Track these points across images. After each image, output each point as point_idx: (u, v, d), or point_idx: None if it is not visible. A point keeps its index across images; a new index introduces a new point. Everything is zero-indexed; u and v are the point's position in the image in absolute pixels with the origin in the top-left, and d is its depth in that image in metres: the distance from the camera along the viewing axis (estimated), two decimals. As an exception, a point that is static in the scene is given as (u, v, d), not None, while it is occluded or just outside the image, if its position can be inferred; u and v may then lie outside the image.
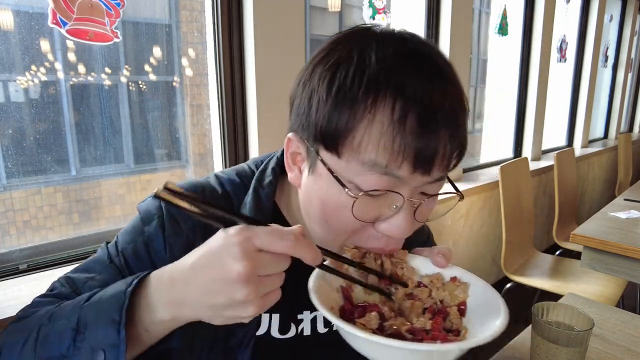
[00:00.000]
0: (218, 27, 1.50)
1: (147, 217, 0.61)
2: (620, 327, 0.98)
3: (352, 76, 0.48)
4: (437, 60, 0.51)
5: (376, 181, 0.50)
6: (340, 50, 0.51)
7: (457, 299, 0.56)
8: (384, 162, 0.48)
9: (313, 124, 0.51)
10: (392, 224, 0.53)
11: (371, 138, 0.48)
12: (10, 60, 1.25)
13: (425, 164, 0.49)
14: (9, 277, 1.21)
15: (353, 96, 0.48)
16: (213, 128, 1.63)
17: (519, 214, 2.36)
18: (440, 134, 0.48)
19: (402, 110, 0.47)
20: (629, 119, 6.27)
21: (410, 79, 0.48)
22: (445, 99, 0.49)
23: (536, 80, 3.30)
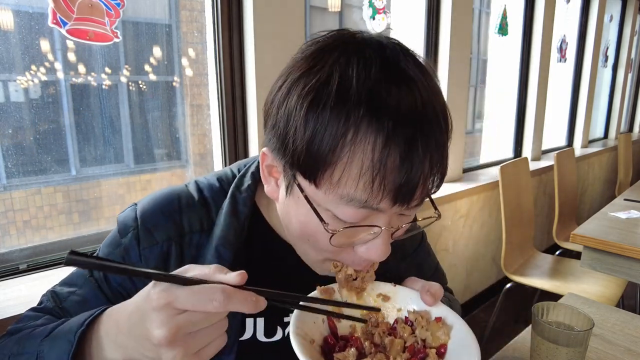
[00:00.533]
0: (218, 27, 1.50)
1: (124, 229, 0.61)
2: (620, 327, 0.98)
3: (332, 108, 0.45)
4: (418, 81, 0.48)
5: (354, 214, 0.49)
6: (320, 70, 0.48)
7: (438, 340, 0.56)
8: (363, 198, 0.47)
9: (290, 151, 0.49)
10: (369, 249, 0.53)
11: (350, 175, 0.46)
12: (10, 60, 1.25)
13: (406, 198, 0.48)
14: (9, 277, 1.21)
15: (332, 131, 0.46)
16: (213, 128, 1.63)
17: (519, 214, 2.36)
18: (421, 169, 0.47)
19: (384, 149, 0.45)
20: (629, 119, 6.27)
21: (392, 112, 0.45)
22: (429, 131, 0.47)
23: (536, 80, 3.30)
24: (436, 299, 0.59)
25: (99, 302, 0.59)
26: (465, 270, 2.65)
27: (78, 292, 0.61)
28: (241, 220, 0.62)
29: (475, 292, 2.78)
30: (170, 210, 0.61)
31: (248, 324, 0.64)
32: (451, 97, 2.40)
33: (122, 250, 0.61)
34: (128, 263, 0.48)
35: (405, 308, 0.60)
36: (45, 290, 1.13)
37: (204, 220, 0.62)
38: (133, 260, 0.60)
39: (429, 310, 0.59)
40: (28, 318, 0.61)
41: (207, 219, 0.62)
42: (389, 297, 0.61)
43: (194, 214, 0.62)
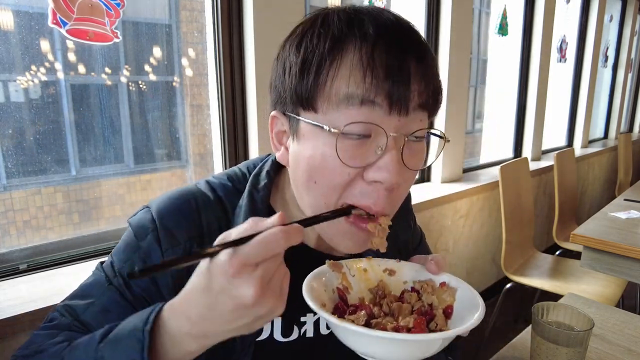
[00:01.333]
0: (218, 27, 1.50)
1: (141, 232, 0.60)
2: (620, 327, 0.98)
3: (317, 35, 0.51)
4: (396, 17, 0.54)
5: (356, 113, 0.50)
6: (305, 22, 0.55)
7: (444, 302, 0.58)
8: (359, 93, 0.49)
9: (288, 90, 0.53)
10: (380, 167, 0.52)
11: (342, 79, 0.50)
12: (10, 60, 1.25)
13: (401, 99, 0.50)
14: (9, 277, 1.21)
15: (320, 51, 0.51)
16: (213, 128, 1.63)
17: (519, 214, 2.36)
18: (407, 71, 0.49)
19: (369, 50, 0.49)
20: (629, 119, 6.27)
21: (372, 23, 0.50)
22: (411, 39, 0.51)
23: (536, 80, 3.30)
24: (440, 267, 0.61)
25: (121, 309, 0.57)
26: (465, 270, 2.65)
27: (97, 303, 0.59)
28: None
29: (475, 292, 2.78)
30: (188, 210, 0.61)
31: (265, 325, 0.64)
32: (451, 97, 2.40)
33: (142, 253, 0.59)
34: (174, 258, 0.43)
35: (410, 280, 0.63)
36: (44, 291, 1.14)
37: (221, 219, 0.62)
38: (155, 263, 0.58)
39: (433, 279, 0.62)
40: (42, 337, 0.57)
41: (224, 218, 0.62)
42: (394, 271, 0.64)
43: (212, 213, 0.62)
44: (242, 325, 0.43)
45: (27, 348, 0.57)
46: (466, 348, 2.38)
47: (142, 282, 0.59)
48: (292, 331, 0.66)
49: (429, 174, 2.54)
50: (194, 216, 0.60)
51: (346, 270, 0.61)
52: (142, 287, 0.59)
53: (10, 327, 1.03)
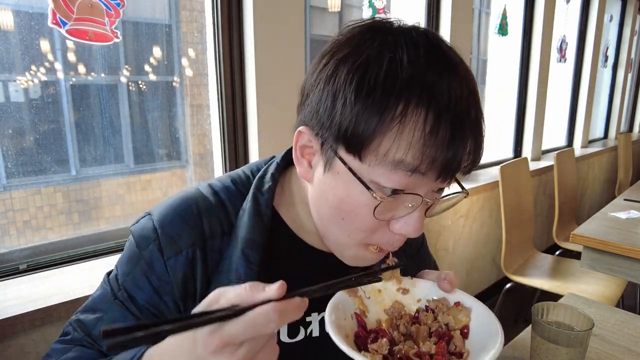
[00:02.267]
0: (218, 27, 1.50)
1: (143, 242, 0.59)
2: (620, 327, 0.98)
3: (384, 80, 0.47)
4: (459, 63, 0.51)
5: (401, 180, 0.49)
6: (368, 48, 0.49)
7: (460, 322, 0.59)
8: (414, 164, 0.48)
9: (336, 124, 0.49)
10: (407, 223, 0.54)
11: (400, 146, 0.47)
12: (10, 60, 1.25)
13: (449, 173, 0.50)
14: (9, 277, 1.21)
15: (384, 101, 0.46)
16: (213, 128, 1.63)
17: (519, 214, 2.36)
18: (463, 148, 0.49)
19: (435, 121, 0.46)
20: (629, 119, 6.27)
21: (442, 86, 0.47)
22: (471, 108, 0.49)
23: (536, 80, 3.30)
24: (453, 285, 0.61)
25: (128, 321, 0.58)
26: (465, 270, 2.65)
27: (105, 318, 0.59)
28: (265, 222, 0.61)
29: (475, 292, 2.78)
30: (190, 216, 0.60)
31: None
32: (451, 97, 2.40)
33: (144, 264, 0.59)
34: (161, 319, 0.43)
35: (424, 298, 0.64)
36: (44, 291, 1.14)
37: (224, 223, 0.61)
38: (158, 273, 0.58)
39: (446, 297, 0.63)
40: (57, 352, 0.59)
41: (227, 221, 0.62)
42: (407, 289, 0.64)
43: (214, 217, 0.61)
44: None
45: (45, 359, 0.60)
46: (466, 348, 2.38)
47: (145, 293, 0.59)
48: (299, 332, 0.66)
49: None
50: (196, 222, 0.60)
51: (362, 293, 0.62)
52: (146, 298, 0.59)
53: (10, 327, 1.03)
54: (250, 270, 0.58)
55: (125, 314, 0.59)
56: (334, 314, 0.54)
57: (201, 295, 0.58)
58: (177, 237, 0.59)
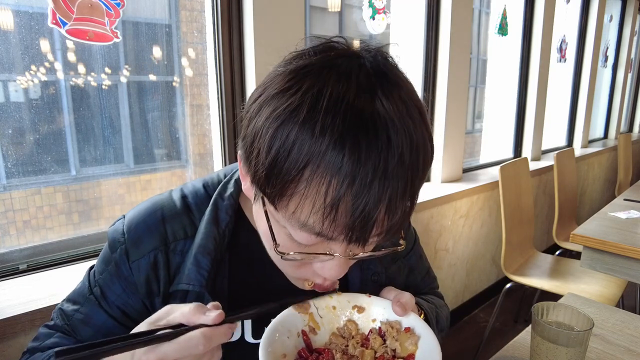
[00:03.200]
0: (218, 27, 1.50)
1: (113, 244, 0.63)
2: (620, 327, 0.98)
3: (292, 144, 0.44)
4: (396, 124, 0.45)
5: (309, 239, 0.49)
6: (293, 95, 0.45)
7: (406, 350, 0.58)
8: (317, 229, 0.47)
9: (253, 170, 0.49)
10: (324, 267, 0.53)
11: (304, 210, 0.46)
12: (10, 60, 1.25)
13: (359, 239, 0.47)
14: (9, 277, 1.21)
15: (292, 165, 0.44)
16: (213, 128, 1.63)
17: (519, 214, 2.36)
18: (376, 214, 0.45)
19: (337, 191, 0.43)
20: (629, 119, 6.27)
21: (354, 155, 0.43)
22: (392, 179, 0.44)
23: (536, 80, 3.30)
24: (406, 309, 0.61)
25: (100, 318, 0.63)
26: (465, 270, 2.65)
27: (81, 310, 0.64)
28: (222, 229, 0.63)
29: (475, 292, 2.78)
30: (154, 221, 0.63)
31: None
32: (451, 97, 2.40)
33: (113, 265, 0.63)
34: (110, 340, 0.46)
35: (379, 319, 0.62)
36: (44, 291, 1.14)
37: (187, 227, 0.64)
38: (125, 274, 0.62)
39: (400, 321, 0.61)
40: (43, 335, 0.65)
41: (191, 225, 0.64)
42: (363, 308, 0.63)
43: (177, 222, 0.64)
44: None
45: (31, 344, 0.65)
46: (466, 348, 2.38)
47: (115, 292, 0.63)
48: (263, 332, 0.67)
49: (428, 174, 2.54)
50: (159, 227, 0.63)
51: (314, 309, 0.61)
52: (115, 297, 0.64)
53: (10, 327, 1.03)
54: (200, 276, 0.60)
55: (98, 309, 0.64)
56: (278, 329, 0.56)
57: (164, 294, 0.63)
58: (140, 242, 0.62)
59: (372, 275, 0.71)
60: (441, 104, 2.40)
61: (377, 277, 0.72)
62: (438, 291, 0.92)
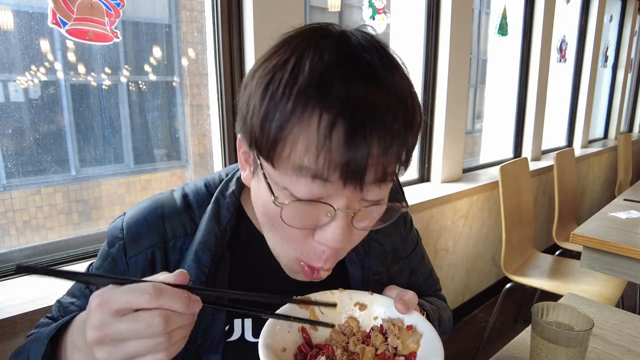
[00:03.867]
0: (218, 27, 1.50)
1: (112, 240, 0.64)
2: (620, 327, 0.98)
3: (284, 87, 0.47)
4: (377, 69, 0.48)
5: (308, 187, 0.48)
6: (280, 55, 0.50)
7: (408, 348, 0.57)
8: (312, 168, 0.47)
9: (249, 130, 0.50)
10: (325, 232, 0.52)
11: (298, 149, 0.47)
12: (10, 60, 1.25)
13: (355, 178, 0.47)
14: (8, 277, 1.21)
15: (282, 109, 0.46)
16: (213, 128, 1.63)
17: (519, 214, 2.36)
18: (367, 150, 0.46)
19: (329, 125, 0.45)
20: (629, 119, 6.28)
21: (340, 91, 0.45)
22: (380, 116, 0.46)
23: (536, 81, 3.30)
24: (409, 307, 0.60)
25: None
26: (465, 270, 2.65)
27: (76, 303, 0.65)
28: (223, 225, 0.63)
29: (475, 292, 2.79)
30: (154, 219, 0.64)
31: (236, 325, 0.65)
32: (451, 97, 2.40)
33: (110, 260, 0.63)
34: (92, 273, 0.51)
35: (380, 316, 0.62)
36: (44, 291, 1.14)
37: (187, 225, 0.64)
38: (121, 269, 0.62)
39: (402, 319, 0.61)
40: (41, 325, 0.66)
41: (191, 223, 0.64)
42: (365, 305, 0.63)
43: (177, 220, 0.64)
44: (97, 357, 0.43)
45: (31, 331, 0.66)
46: (466, 348, 2.38)
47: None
48: None
49: (428, 174, 2.54)
50: (158, 224, 0.63)
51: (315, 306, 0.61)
52: None
53: (10, 327, 1.03)
54: (200, 272, 0.60)
55: None
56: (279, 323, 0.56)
57: None
58: (139, 238, 0.62)
59: (373, 274, 0.71)
60: (441, 104, 2.40)
61: (379, 276, 0.72)
62: (441, 294, 0.92)
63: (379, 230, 0.61)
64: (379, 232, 0.72)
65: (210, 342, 0.62)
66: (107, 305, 0.42)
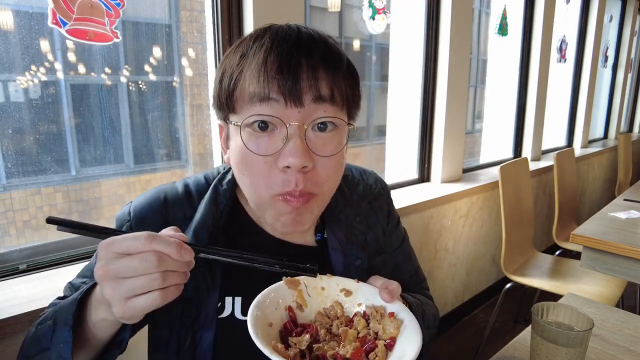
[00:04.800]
0: (218, 27, 1.50)
1: (120, 223, 0.71)
2: (620, 327, 0.98)
3: (234, 52, 0.63)
4: (310, 31, 0.62)
5: (258, 108, 0.59)
6: (242, 41, 0.64)
7: (388, 334, 0.60)
8: (257, 91, 0.58)
9: (216, 96, 0.64)
10: (285, 153, 0.59)
11: (247, 79, 0.59)
12: (10, 60, 1.25)
13: (293, 95, 0.58)
14: (8, 277, 1.21)
15: (232, 62, 0.62)
16: (213, 128, 1.63)
17: (519, 214, 2.36)
18: (298, 63, 0.58)
19: (266, 55, 0.58)
20: (629, 119, 6.28)
21: (274, 36, 0.60)
22: (308, 47, 0.60)
23: (536, 81, 3.31)
24: (393, 296, 0.63)
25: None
26: (465, 270, 2.65)
27: (88, 282, 0.67)
28: (220, 209, 0.70)
29: (475, 292, 2.79)
30: (157, 203, 0.71)
31: (227, 302, 0.70)
32: (451, 97, 2.40)
33: None
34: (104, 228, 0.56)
35: (364, 303, 0.65)
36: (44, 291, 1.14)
37: (186, 210, 0.71)
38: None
39: (384, 306, 0.64)
40: (52, 304, 0.71)
41: (190, 208, 0.71)
42: (351, 292, 0.66)
43: (178, 205, 0.71)
44: (108, 295, 0.49)
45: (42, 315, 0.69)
46: (466, 348, 2.38)
47: None
48: None
49: (428, 174, 2.54)
50: (161, 208, 0.71)
51: (303, 287, 0.64)
52: None
53: (10, 327, 1.03)
54: None
55: None
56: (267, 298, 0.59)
57: None
58: (145, 220, 0.70)
59: (354, 260, 0.76)
60: (441, 104, 2.40)
61: (360, 262, 0.76)
62: (428, 292, 0.95)
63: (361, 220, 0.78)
64: (361, 223, 0.79)
65: (204, 316, 0.67)
66: (110, 248, 0.49)
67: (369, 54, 5.23)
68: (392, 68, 2.47)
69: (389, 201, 0.88)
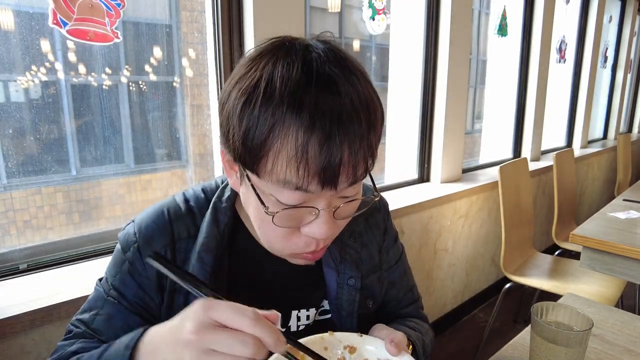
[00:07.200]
0: (218, 28, 1.50)
1: (126, 245, 0.68)
2: (619, 327, 0.99)
3: (260, 107, 0.52)
4: (337, 80, 0.53)
5: (292, 196, 0.54)
6: (253, 74, 0.54)
7: None
8: (294, 181, 0.53)
9: (232, 147, 0.56)
10: (313, 228, 0.58)
11: (280, 163, 0.52)
12: (11, 60, 1.25)
13: (332, 181, 0.53)
14: (9, 277, 1.22)
15: (261, 128, 0.52)
16: (213, 128, 1.63)
17: (518, 214, 2.36)
18: (340, 155, 0.52)
19: (304, 139, 0.51)
20: (628, 120, 6.28)
21: (310, 107, 0.51)
22: (347, 122, 0.52)
23: (535, 81, 3.31)
24: (400, 349, 0.62)
25: (122, 314, 0.67)
26: (464, 270, 2.65)
27: (101, 312, 0.67)
28: (221, 228, 0.69)
29: (474, 292, 2.79)
30: (162, 221, 0.69)
31: None
32: (450, 97, 2.41)
33: (128, 264, 0.67)
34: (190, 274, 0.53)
35: (370, 358, 0.63)
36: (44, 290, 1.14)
37: (190, 227, 0.69)
38: (139, 270, 0.67)
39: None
40: (62, 347, 0.67)
41: (193, 226, 0.70)
42: (355, 347, 0.65)
43: (182, 222, 0.69)
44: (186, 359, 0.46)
45: (52, 355, 0.66)
46: (466, 348, 2.38)
47: (132, 289, 0.67)
48: None
49: (428, 174, 2.54)
50: (167, 227, 0.69)
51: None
52: (133, 293, 0.67)
53: (10, 327, 1.03)
54: (205, 272, 0.66)
55: (118, 307, 0.67)
56: None
57: (169, 289, 0.68)
58: (152, 240, 0.67)
59: (347, 279, 0.75)
60: (441, 104, 2.41)
61: (354, 282, 0.76)
62: (422, 312, 0.93)
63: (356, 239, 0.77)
64: (356, 241, 0.79)
65: None
66: (210, 313, 0.46)
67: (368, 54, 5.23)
68: (392, 68, 2.47)
69: (386, 218, 0.86)
